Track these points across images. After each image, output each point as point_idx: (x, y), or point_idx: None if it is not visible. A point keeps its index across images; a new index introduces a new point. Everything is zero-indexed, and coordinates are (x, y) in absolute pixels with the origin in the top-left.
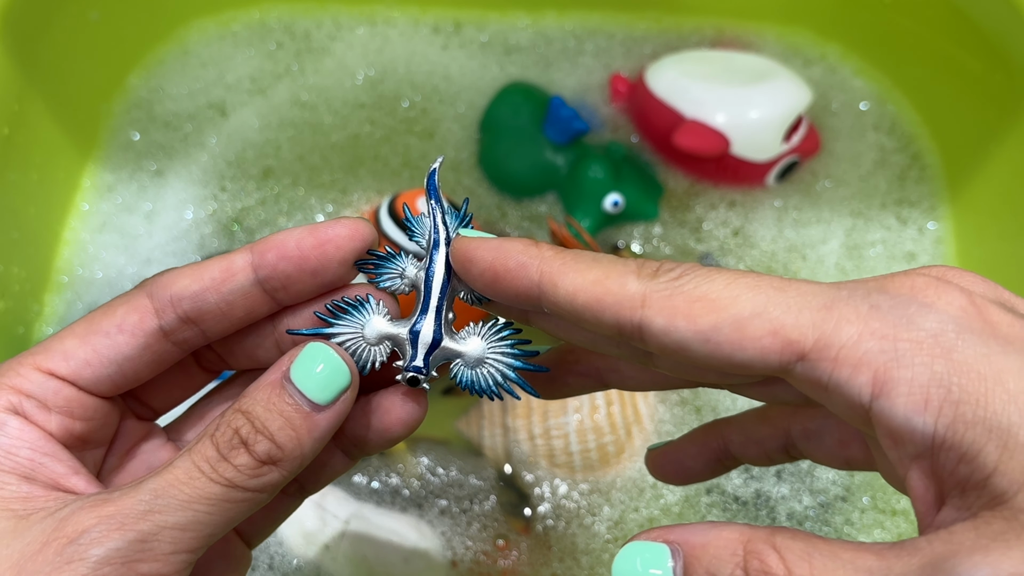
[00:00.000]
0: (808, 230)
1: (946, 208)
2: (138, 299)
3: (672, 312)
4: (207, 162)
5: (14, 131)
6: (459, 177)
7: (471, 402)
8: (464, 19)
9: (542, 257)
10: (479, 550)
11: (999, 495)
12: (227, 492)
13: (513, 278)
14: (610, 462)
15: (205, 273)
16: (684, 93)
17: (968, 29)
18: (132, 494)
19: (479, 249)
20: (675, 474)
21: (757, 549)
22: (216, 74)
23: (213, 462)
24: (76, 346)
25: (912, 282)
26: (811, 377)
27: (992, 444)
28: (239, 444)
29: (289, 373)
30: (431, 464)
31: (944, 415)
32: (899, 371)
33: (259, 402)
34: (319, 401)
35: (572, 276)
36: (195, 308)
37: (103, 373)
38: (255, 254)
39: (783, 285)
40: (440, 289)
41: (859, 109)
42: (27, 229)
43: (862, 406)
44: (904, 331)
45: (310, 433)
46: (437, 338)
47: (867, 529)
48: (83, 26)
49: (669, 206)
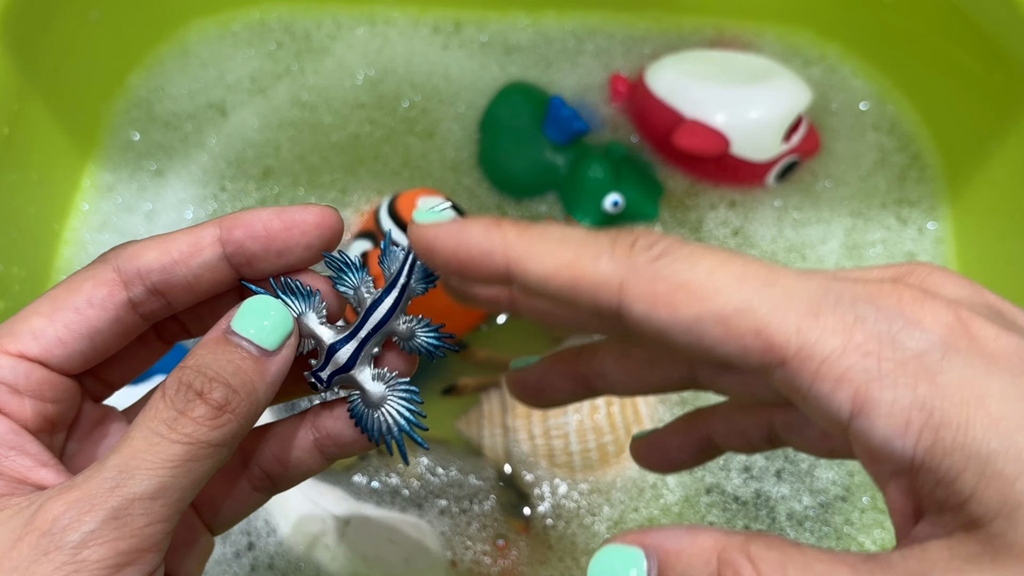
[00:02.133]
0: (808, 230)
1: (946, 208)
2: (104, 272)
3: (653, 300)
4: (207, 162)
5: (14, 131)
6: (459, 177)
7: (471, 402)
8: (464, 19)
9: (505, 240)
10: (479, 550)
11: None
12: (189, 451)
13: (479, 266)
14: (610, 462)
15: (173, 246)
16: (684, 93)
17: (968, 29)
18: (96, 474)
19: (438, 237)
20: (659, 463)
21: (731, 559)
22: (216, 74)
23: (170, 422)
24: (44, 325)
25: (900, 294)
26: (791, 384)
27: (970, 471)
28: (194, 396)
29: (231, 327)
30: (431, 464)
31: (924, 439)
32: (881, 391)
33: (206, 355)
34: (266, 346)
35: (541, 259)
36: (163, 281)
37: (75, 349)
38: (223, 229)
39: (771, 278)
40: (374, 326)
41: (859, 109)
42: (27, 229)
43: (841, 422)
44: (888, 349)
45: (262, 377)
46: (348, 364)
47: (867, 529)
48: (83, 26)
49: (669, 206)
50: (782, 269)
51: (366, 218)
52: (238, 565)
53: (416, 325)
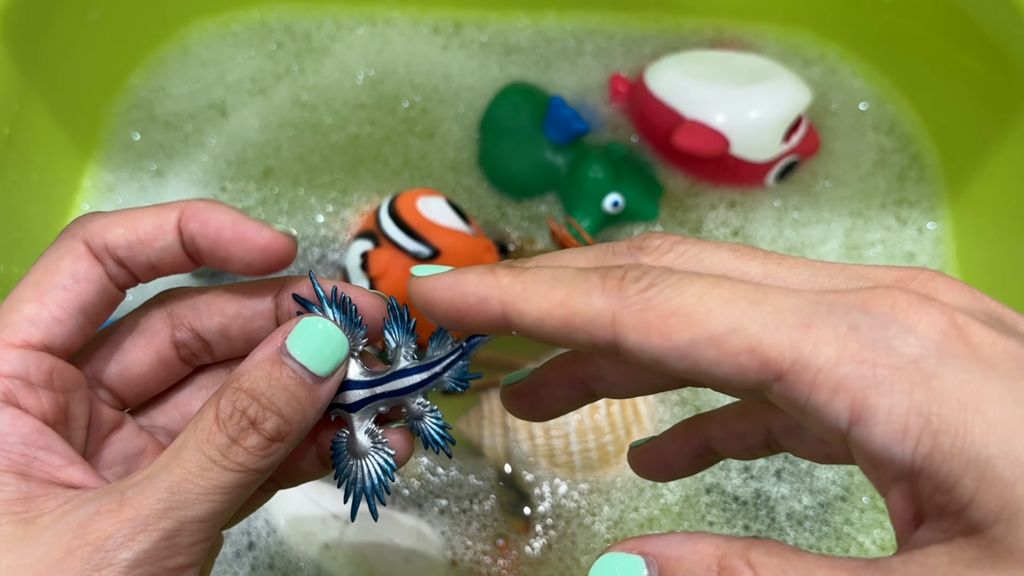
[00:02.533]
0: (808, 230)
1: (946, 208)
2: (77, 247)
3: (646, 329)
4: (207, 162)
5: (14, 131)
6: (459, 177)
7: (471, 402)
8: (464, 19)
9: (500, 286)
10: (479, 550)
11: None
12: (240, 478)
13: (477, 314)
14: (610, 462)
15: (139, 225)
16: (684, 93)
17: (968, 29)
18: (147, 492)
19: (435, 291)
20: (657, 470)
21: (732, 565)
22: (216, 74)
23: (223, 448)
24: (37, 309)
25: (893, 300)
26: (788, 397)
27: (969, 476)
28: (248, 425)
29: (287, 347)
30: (431, 464)
31: (922, 445)
32: (878, 399)
33: (260, 379)
34: (320, 373)
35: (535, 302)
36: (129, 258)
37: (74, 325)
38: (183, 217)
39: (759, 297)
40: (393, 391)
41: (859, 109)
42: (27, 229)
43: (840, 431)
44: (884, 356)
45: (313, 405)
46: (352, 407)
47: (866, 529)
48: (83, 26)
49: (669, 206)
50: (770, 287)
51: (366, 218)
52: (238, 565)
53: (428, 411)
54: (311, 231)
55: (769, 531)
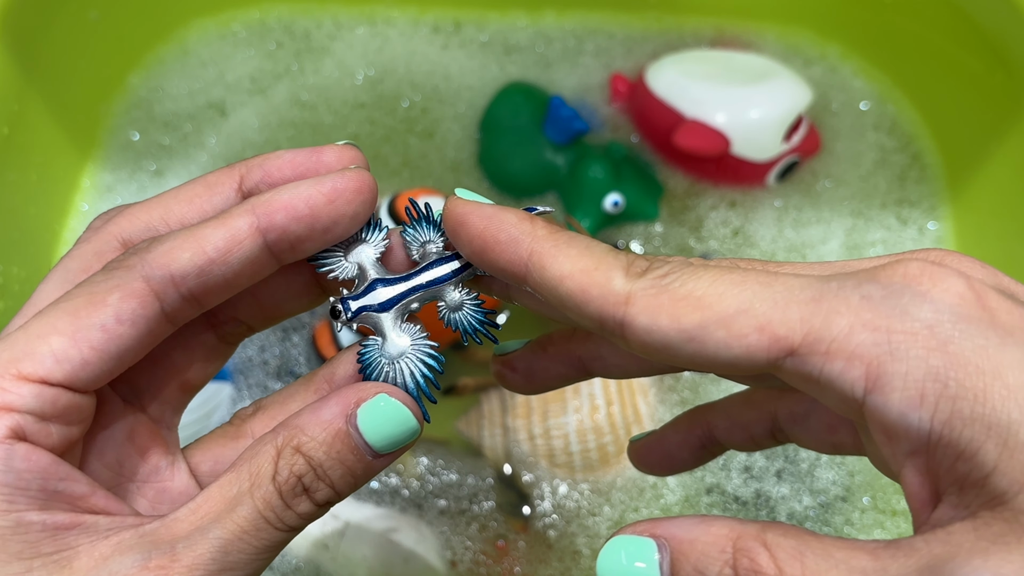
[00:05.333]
0: (808, 230)
1: (946, 208)
2: (132, 282)
3: (656, 310)
4: (207, 162)
5: (14, 131)
6: (459, 177)
7: (471, 402)
8: (464, 19)
9: (535, 235)
10: (479, 550)
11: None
12: (287, 537)
13: (503, 251)
14: (610, 462)
15: (207, 243)
16: (684, 93)
17: (968, 29)
18: (200, 548)
19: (473, 214)
20: (660, 464)
21: (747, 547)
22: (216, 74)
23: (278, 511)
24: (67, 346)
25: (905, 269)
26: (801, 372)
27: (991, 442)
28: (301, 492)
29: (356, 420)
30: (431, 464)
31: (941, 411)
32: (893, 365)
33: (322, 447)
34: (381, 452)
35: (562, 261)
36: (201, 284)
37: (101, 371)
38: (260, 216)
39: (769, 279)
40: (429, 280)
41: (859, 109)
42: (27, 229)
43: (855, 400)
44: (898, 322)
45: (365, 477)
46: (384, 305)
47: (867, 529)
48: (83, 26)
49: (669, 206)
50: (779, 273)
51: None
52: None
53: (468, 298)
54: None
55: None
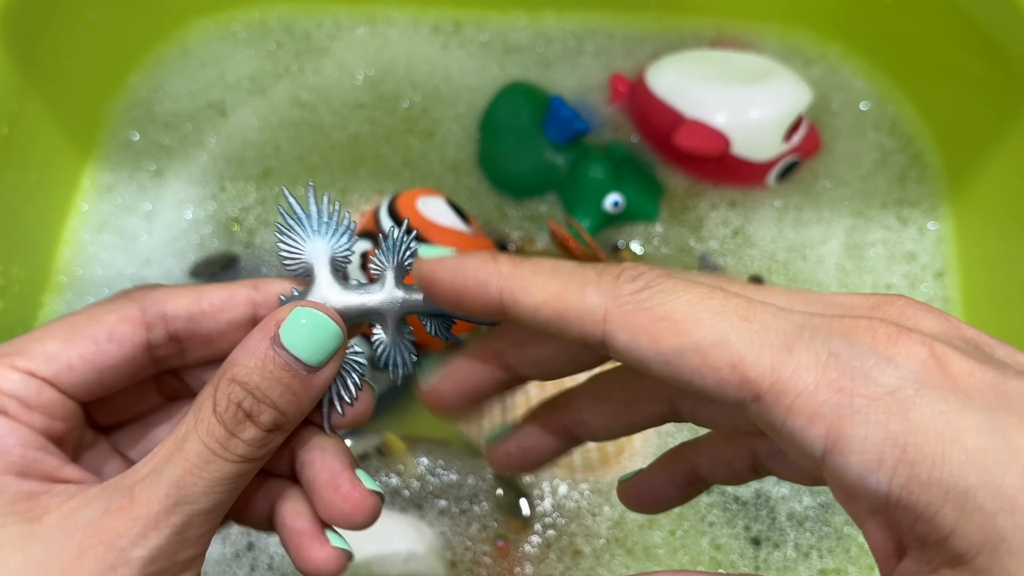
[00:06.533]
0: (808, 230)
1: (946, 208)
2: (128, 310)
3: (635, 330)
4: (207, 162)
5: (14, 131)
6: (459, 177)
7: None
8: (464, 19)
9: (500, 273)
10: (479, 550)
11: (959, 555)
12: (241, 468)
13: (475, 296)
14: (610, 462)
15: (204, 297)
16: (684, 93)
17: (968, 29)
18: (155, 487)
19: (437, 270)
20: (648, 503)
21: None
22: (216, 74)
23: (223, 441)
24: (59, 349)
25: (875, 331)
26: (765, 419)
27: (949, 506)
28: (244, 418)
29: (280, 338)
30: (431, 464)
31: (899, 475)
32: (853, 428)
33: (253, 371)
34: (313, 363)
35: (532, 291)
36: (187, 329)
37: (84, 379)
38: (258, 292)
39: (748, 313)
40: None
41: (859, 109)
42: (26, 229)
43: (814, 458)
44: (861, 385)
45: (308, 394)
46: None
47: None
48: (83, 26)
49: (669, 206)
50: (761, 304)
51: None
52: (238, 565)
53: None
54: None
55: (770, 532)
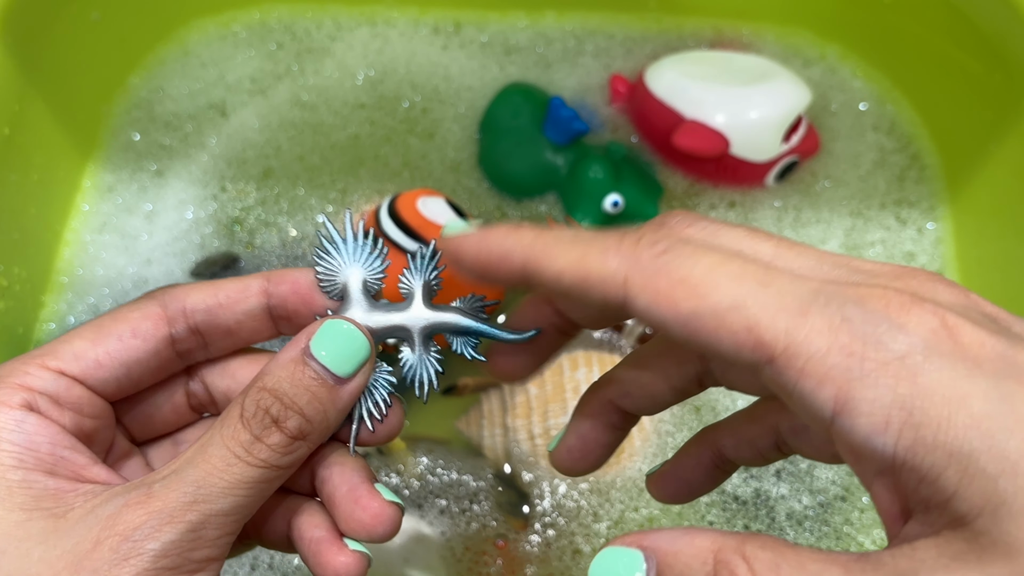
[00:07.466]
0: (808, 230)
1: (945, 208)
2: (150, 307)
3: (654, 293)
4: (207, 162)
5: (14, 131)
6: (459, 178)
7: (471, 402)
8: (464, 19)
9: (522, 242)
10: (478, 550)
11: (960, 517)
12: (263, 473)
13: (499, 267)
14: (610, 462)
15: (220, 291)
16: (684, 93)
17: (968, 29)
18: (174, 485)
19: (463, 245)
20: (679, 492)
21: (727, 559)
22: (216, 74)
23: (247, 445)
24: (86, 348)
25: (888, 299)
26: (778, 381)
27: (952, 469)
28: (270, 423)
29: (310, 349)
30: (431, 464)
31: (904, 437)
32: (862, 391)
33: (283, 379)
34: (341, 374)
35: (554, 258)
36: (206, 322)
37: (112, 375)
38: (270, 283)
39: (766, 278)
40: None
41: (858, 109)
42: (27, 229)
43: (824, 420)
44: (872, 350)
45: (335, 405)
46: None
47: (866, 529)
48: (84, 26)
49: (669, 206)
50: (778, 270)
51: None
52: (238, 565)
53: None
54: (311, 231)
55: (769, 531)
